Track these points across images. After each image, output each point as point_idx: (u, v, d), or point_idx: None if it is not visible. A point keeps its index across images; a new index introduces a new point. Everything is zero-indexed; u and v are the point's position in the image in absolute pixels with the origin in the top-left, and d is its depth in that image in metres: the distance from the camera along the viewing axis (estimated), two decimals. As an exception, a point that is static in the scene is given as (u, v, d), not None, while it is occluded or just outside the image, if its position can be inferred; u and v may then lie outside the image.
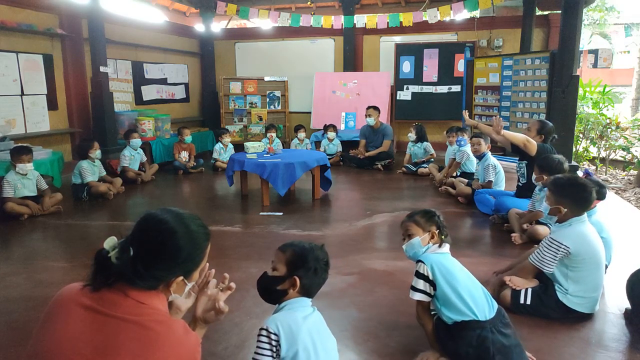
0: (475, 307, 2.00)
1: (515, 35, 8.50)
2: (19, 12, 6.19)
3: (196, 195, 6.00)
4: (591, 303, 2.53)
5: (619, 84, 15.53)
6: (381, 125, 7.42)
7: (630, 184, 7.01)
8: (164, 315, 1.27)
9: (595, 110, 7.84)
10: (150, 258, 1.25)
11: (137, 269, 1.22)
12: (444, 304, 2.04)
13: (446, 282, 2.03)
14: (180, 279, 1.32)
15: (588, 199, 2.53)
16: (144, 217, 1.32)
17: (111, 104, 7.15)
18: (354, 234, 4.16)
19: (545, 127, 4.23)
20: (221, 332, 2.41)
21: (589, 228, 2.55)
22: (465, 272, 2.12)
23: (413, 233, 2.14)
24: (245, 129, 9.41)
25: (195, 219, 1.37)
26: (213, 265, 1.64)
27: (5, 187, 4.64)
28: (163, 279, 1.29)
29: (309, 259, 1.64)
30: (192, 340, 1.29)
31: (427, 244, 2.13)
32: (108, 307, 1.20)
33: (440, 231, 2.14)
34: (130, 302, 1.22)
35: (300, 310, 1.60)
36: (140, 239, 1.27)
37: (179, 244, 1.28)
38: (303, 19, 8.35)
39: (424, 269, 2.06)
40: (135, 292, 1.23)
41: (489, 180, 4.96)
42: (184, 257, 1.30)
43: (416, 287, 2.08)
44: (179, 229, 1.29)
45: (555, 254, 2.46)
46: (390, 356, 2.22)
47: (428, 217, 2.15)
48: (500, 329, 2.01)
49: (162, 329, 1.21)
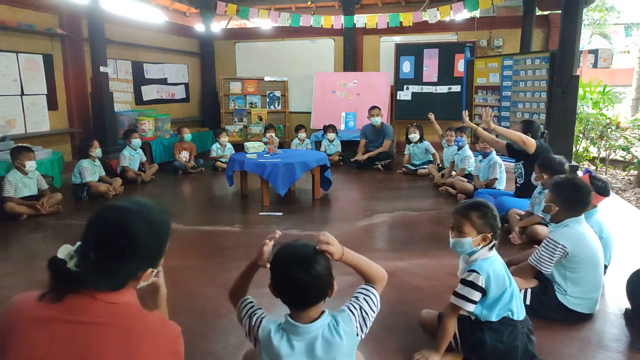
0: (514, 306, 2.01)
1: (515, 35, 8.50)
2: (19, 12, 6.19)
3: (196, 196, 6.00)
4: (591, 304, 2.52)
5: (619, 84, 15.53)
6: (382, 125, 7.42)
7: (630, 184, 7.01)
8: (138, 310, 1.21)
9: (595, 110, 7.84)
10: (113, 259, 1.16)
11: (101, 273, 1.14)
12: (488, 307, 2.01)
13: (498, 289, 1.98)
14: (149, 270, 1.25)
15: (583, 201, 2.53)
16: (97, 217, 1.21)
17: (111, 104, 7.16)
18: (354, 234, 4.16)
19: (529, 126, 4.23)
20: (221, 332, 2.41)
21: (586, 229, 2.55)
22: (507, 271, 2.07)
23: (465, 232, 2.01)
24: (245, 129, 9.41)
25: (153, 207, 1.27)
26: (213, 265, 1.64)
27: (6, 186, 4.64)
28: (131, 276, 1.22)
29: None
30: (172, 330, 1.23)
31: (478, 245, 2.01)
32: (77, 314, 1.12)
33: (494, 234, 2.02)
34: (99, 304, 1.14)
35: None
36: (98, 241, 1.17)
37: (141, 239, 1.19)
38: (303, 19, 8.35)
39: (481, 280, 1.96)
40: (103, 293, 1.16)
41: (494, 178, 4.96)
42: (149, 249, 1.23)
43: (470, 298, 1.97)
44: (138, 222, 1.19)
45: (552, 254, 2.46)
46: (391, 356, 2.22)
47: (485, 219, 2.00)
48: (528, 332, 2.04)
49: (138, 325, 1.16)
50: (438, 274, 3.18)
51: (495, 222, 2.02)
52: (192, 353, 2.25)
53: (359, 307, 1.55)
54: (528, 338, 2.03)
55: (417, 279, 3.10)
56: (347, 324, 1.50)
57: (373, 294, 1.60)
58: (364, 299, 1.57)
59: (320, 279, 1.44)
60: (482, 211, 2.01)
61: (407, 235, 4.18)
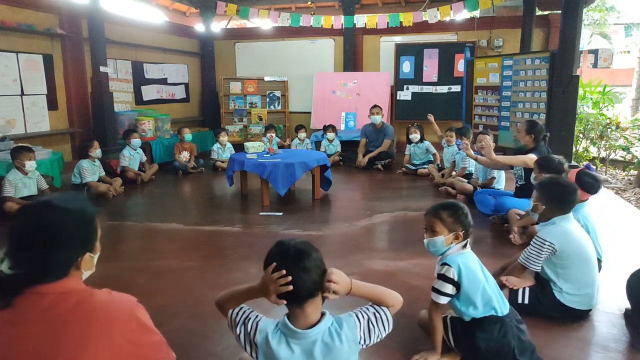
0: (496, 303, 2.04)
1: (515, 35, 8.50)
2: (19, 12, 6.19)
3: (196, 195, 6.00)
4: (587, 299, 2.52)
5: (619, 84, 15.54)
6: (383, 125, 7.42)
7: (630, 184, 7.01)
8: (85, 292, 1.26)
9: (595, 110, 7.84)
10: (40, 253, 1.21)
11: (37, 267, 1.20)
12: (465, 303, 2.04)
13: (470, 283, 2.01)
14: (87, 256, 1.30)
15: (568, 199, 2.56)
16: (17, 218, 1.27)
17: (111, 104, 7.16)
18: (354, 234, 4.16)
19: (534, 127, 4.25)
20: (221, 332, 2.40)
21: (573, 225, 2.58)
22: (484, 268, 2.11)
23: (437, 231, 2.05)
24: (245, 129, 9.41)
25: (70, 199, 1.32)
26: (213, 265, 1.64)
27: (6, 186, 4.64)
28: (70, 263, 1.27)
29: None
30: (124, 298, 1.29)
31: (451, 244, 2.05)
32: (27, 314, 1.17)
33: (466, 232, 2.06)
34: (48, 298, 1.19)
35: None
36: (21, 240, 1.22)
37: (60, 229, 1.24)
38: (303, 19, 8.35)
39: (452, 272, 2.01)
40: (48, 286, 1.21)
41: (492, 177, 4.96)
42: (73, 238, 1.27)
43: (443, 290, 2.02)
44: (53, 216, 1.25)
45: (540, 251, 2.48)
46: (390, 356, 2.22)
47: (455, 217, 2.04)
48: (516, 324, 2.06)
49: (89, 306, 1.21)
50: (438, 274, 3.17)
51: (467, 220, 2.06)
52: (192, 354, 2.26)
53: (367, 317, 1.56)
54: (518, 329, 2.05)
55: (417, 279, 3.10)
56: (350, 329, 1.50)
57: (384, 312, 1.59)
58: (374, 313, 1.58)
59: (308, 271, 1.45)
60: (452, 209, 2.06)
61: (407, 235, 4.18)
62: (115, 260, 3.56)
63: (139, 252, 3.82)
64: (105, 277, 3.06)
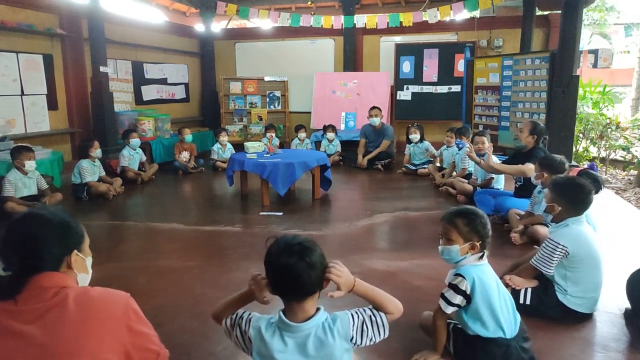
0: (505, 324, 1.97)
1: (515, 35, 8.50)
2: (19, 12, 6.19)
3: (196, 195, 6.00)
4: (590, 303, 2.52)
5: (619, 84, 15.54)
6: (382, 126, 7.42)
7: (630, 184, 7.01)
8: (81, 288, 1.39)
9: (595, 110, 7.84)
10: (31, 252, 1.34)
11: (30, 264, 1.33)
12: (473, 318, 1.98)
13: (482, 298, 1.94)
14: (75, 253, 1.43)
15: (585, 200, 2.52)
16: (8, 226, 1.39)
17: (111, 104, 7.16)
18: (354, 234, 4.16)
19: (538, 128, 4.27)
20: (221, 332, 2.40)
21: (586, 228, 2.55)
22: (499, 285, 2.04)
23: (452, 239, 1.98)
24: (245, 129, 9.41)
25: (50, 211, 1.46)
26: (214, 265, 1.65)
27: (6, 186, 4.63)
28: (59, 259, 1.39)
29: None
30: (117, 291, 1.40)
31: (466, 253, 1.97)
32: (30, 307, 1.28)
33: (483, 243, 1.97)
34: (50, 291, 1.31)
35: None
36: (13, 245, 1.35)
37: (41, 235, 1.38)
38: (303, 19, 8.35)
39: (465, 285, 1.94)
40: (47, 279, 1.33)
41: (491, 178, 4.97)
42: (55, 241, 1.39)
43: (452, 301, 1.97)
44: (35, 224, 1.39)
45: (552, 254, 2.45)
46: (391, 356, 2.22)
47: (472, 227, 1.95)
48: (522, 344, 2.00)
49: (87, 297, 1.33)
50: (439, 274, 3.16)
51: (484, 230, 1.97)
52: (192, 354, 2.26)
53: (362, 318, 1.56)
54: (523, 350, 1.99)
55: (418, 279, 3.10)
56: (343, 326, 1.51)
57: (381, 317, 1.58)
58: (370, 316, 1.57)
59: (314, 267, 1.45)
60: (469, 218, 1.97)
61: (408, 235, 4.18)
62: (115, 260, 3.56)
63: (139, 252, 3.82)
64: (106, 277, 3.06)
